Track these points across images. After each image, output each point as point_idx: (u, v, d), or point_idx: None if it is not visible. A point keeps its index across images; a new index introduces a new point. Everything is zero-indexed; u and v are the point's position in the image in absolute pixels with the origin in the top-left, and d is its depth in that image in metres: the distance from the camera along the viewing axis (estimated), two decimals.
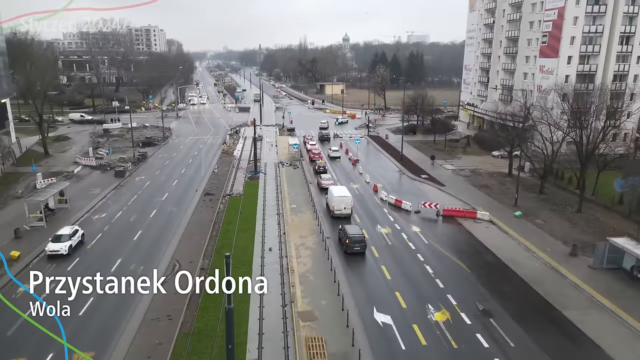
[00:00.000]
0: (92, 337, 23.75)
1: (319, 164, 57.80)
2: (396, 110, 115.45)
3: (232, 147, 73.07)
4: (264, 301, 26.47)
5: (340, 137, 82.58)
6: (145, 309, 26.08)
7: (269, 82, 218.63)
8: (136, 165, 60.25)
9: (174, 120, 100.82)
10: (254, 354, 22.64)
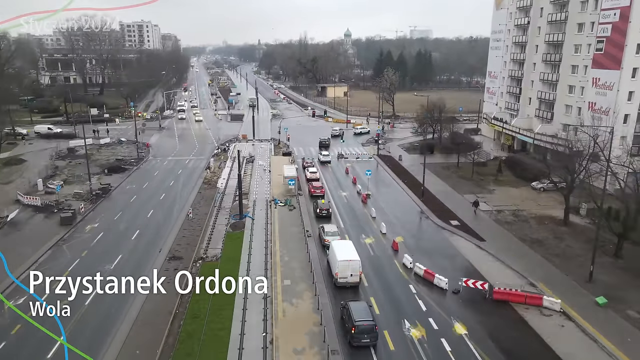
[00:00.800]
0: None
1: (321, 205, 45.75)
2: (406, 119, 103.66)
3: (216, 173, 61.00)
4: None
5: (345, 157, 70.54)
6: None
7: (267, 82, 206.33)
8: (94, 204, 48.34)
9: (155, 132, 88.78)
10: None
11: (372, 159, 70.02)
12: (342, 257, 32.36)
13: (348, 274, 31.99)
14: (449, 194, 52.70)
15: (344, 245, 34.17)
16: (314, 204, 47.48)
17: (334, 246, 33.93)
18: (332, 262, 33.74)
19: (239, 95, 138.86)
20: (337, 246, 33.89)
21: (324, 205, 45.82)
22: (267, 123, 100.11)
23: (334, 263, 32.78)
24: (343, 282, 32.04)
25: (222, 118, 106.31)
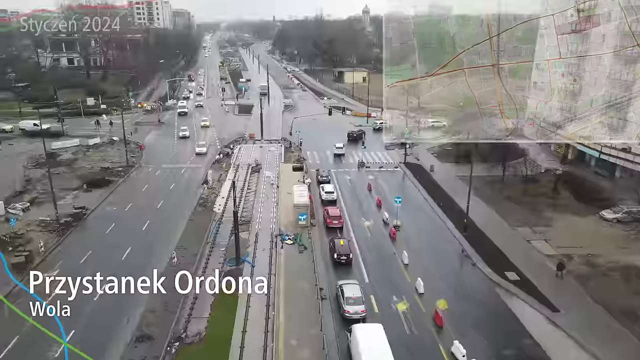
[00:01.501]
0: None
1: (339, 248, 35.85)
2: (437, 110, 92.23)
3: (215, 189, 51.53)
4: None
5: (366, 166, 60.27)
6: None
7: (280, 64, 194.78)
8: (60, 236, 39.42)
9: (153, 129, 79.45)
10: None
11: (397, 169, 59.68)
12: (370, 354, 23.04)
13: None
14: (497, 226, 42.48)
15: (372, 337, 24.53)
16: (330, 243, 37.72)
17: (359, 337, 24.40)
18: (355, 355, 24.37)
19: (249, 82, 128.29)
20: (362, 337, 24.36)
21: (343, 248, 35.99)
22: (278, 117, 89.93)
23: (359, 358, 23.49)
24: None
25: (228, 110, 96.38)
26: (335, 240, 37.10)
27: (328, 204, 47.23)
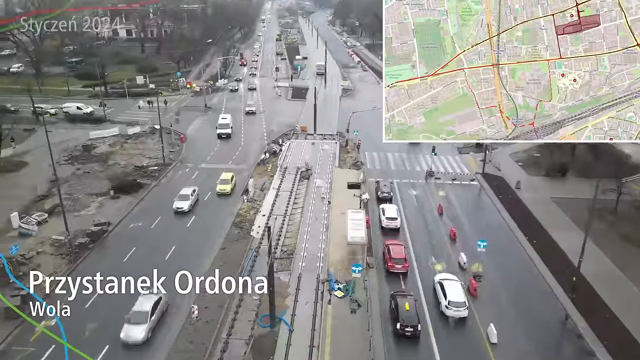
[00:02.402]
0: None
1: (405, 316, 26.93)
2: None
3: (256, 203, 44.07)
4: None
5: (436, 177, 50.34)
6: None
7: (340, 37, 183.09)
8: (71, 264, 33.69)
9: (199, 115, 73.07)
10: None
11: (474, 182, 49.41)
12: None
13: None
14: (617, 284, 31.98)
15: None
16: (391, 302, 29.08)
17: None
18: None
19: (306, 61, 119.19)
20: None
21: (409, 317, 27.11)
22: (334, 104, 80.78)
23: None
24: None
25: (281, 94, 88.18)
26: (399, 301, 28.38)
27: (389, 232, 38.60)
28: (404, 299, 28.52)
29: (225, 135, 61.82)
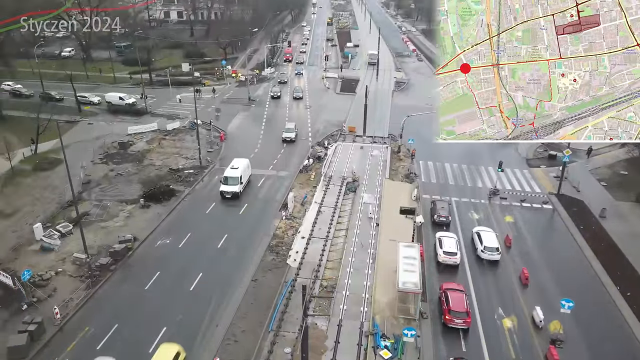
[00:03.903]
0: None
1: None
2: None
3: (295, 221, 39.53)
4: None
5: (502, 197, 43.72)
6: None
7: (395, 21, 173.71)
8: (89, 289, 30.53)
9: (241, 109, 69.10)
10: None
11: (547, 205, 42.45)
12: None
13: None
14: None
15: None
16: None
17: None
18: None
19: (357, 48, 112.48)
20: None
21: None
22: (386, 100, 74.38)
23: None
24: None
25: (329, 86, 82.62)
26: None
27: (446, 270, 33.07)
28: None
29: (289, 139, 56.63)
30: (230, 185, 42.94)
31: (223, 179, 43.61)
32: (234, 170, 44.29)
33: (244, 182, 44.59)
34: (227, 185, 42.98)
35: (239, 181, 43.32)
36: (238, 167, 44.60)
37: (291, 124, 59.58)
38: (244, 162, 46.05)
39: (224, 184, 43.18)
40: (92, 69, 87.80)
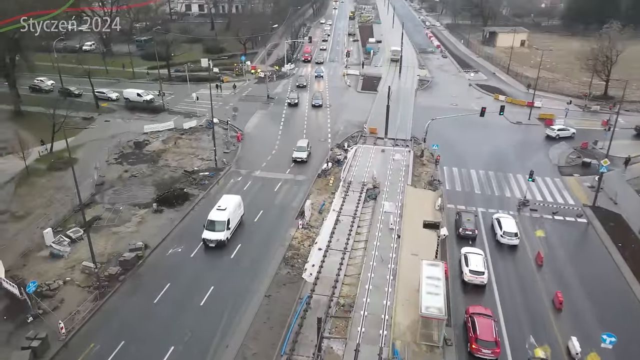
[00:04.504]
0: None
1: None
2: None
3: (312, 230, 37.73)
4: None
5: (532, 209, 41.00)
6: None
7: (419, 15, 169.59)
8: (96, 301, 29.34)
9: (259, 107, 67.47)
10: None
11: (582, 219, 39.71)
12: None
13: None
14: None
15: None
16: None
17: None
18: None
19: (380, 44, 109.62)
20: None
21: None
22: (409, 99, 71.78)
23: None
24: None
25: (350, 84, 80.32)
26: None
27: (472, 290, 30.91)
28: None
29: (300, 160, 49.42)
30: (215, 232, 34.45)
31: (207, 223, 34.94)
32: (220, 212, 35.42)
33: (233, 227, 36.11)
34: (212, 231, 34.52)
35: (225, 226, 34.81)
36: (226, 207, 35.93)
37: (304, 141, 52.09)
38: (234, 200, 37.54)
39: (207, 229, 34.70)
40: (112, 63, 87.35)
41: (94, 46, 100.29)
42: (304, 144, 51.34)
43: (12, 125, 56.64)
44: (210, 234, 34.71)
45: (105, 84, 75.11)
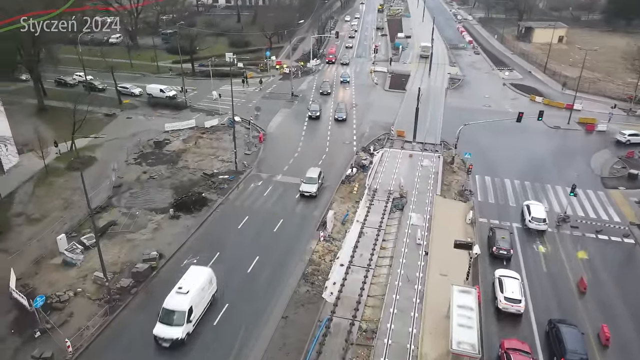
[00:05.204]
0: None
1: None
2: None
3: (334, 243, 35.71)
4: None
5: (572, 225, 37.80)
6: None
7: (450, 8, 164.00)
8: (107, 315, 28.03)
9: (282, 106, 65.46)
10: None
11: (629, 239, 36.34)
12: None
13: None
14: None
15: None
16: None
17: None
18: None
19: (409, 39, 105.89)
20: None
21: None
22: (439, 99, 68.54)
23: None
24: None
25: (378, 82, 77.40)
26: None
27: (507, 319, 28.31)
28: None
29: (308, 194, 41.19)
30: (170, 327, 25.71)
31: (161, 314, 26.21)
32: (180, 296, 26.46)
33: (198, 315, 27.10)
34: (166, 324, 25.85)
35: (185, 319, 25.85)
36: (188, 290, 26.75)
37: (314, 170, 43.25)
38: (202, 277, 28.50)
39: (161, 321, 26.04)
40: (137, 57, 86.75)
41: (120, 39, 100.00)
42: (314, 174, 42.62)
43: (35, 121, 56.31)
44: (164, 329, 25.61)
45: (130, 78, 74.50)
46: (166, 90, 67.27)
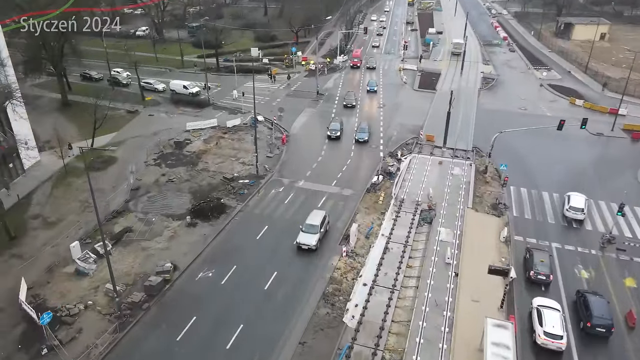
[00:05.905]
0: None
1: None
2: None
3: (357, 260, 33.55)
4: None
5: (619, 247, 34.68)
6: None
7: (483, 2, 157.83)
8: (117, 332, 26.78)
9: (307, 105, 63.25)
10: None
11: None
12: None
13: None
14: None
15: None
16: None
17: None
18: None
19: (440, 36, 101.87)
20: None
21: None
22: (471, 100, 65.09)
23: None
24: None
25: (407, 80, 74.24)
26: None
27: (546, 356, 25.71)
28: None
29: (306, 247, 33.88)
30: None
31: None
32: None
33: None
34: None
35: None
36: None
37: (317, 215, 35.83)
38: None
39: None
40: (163, 50, 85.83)
41: (147, 31, 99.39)
42: (316, 220, 35.12)
43: (57, 117, 55.89)
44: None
45: (154, 72, 73.60)
46: (189, 86, 65.94)
